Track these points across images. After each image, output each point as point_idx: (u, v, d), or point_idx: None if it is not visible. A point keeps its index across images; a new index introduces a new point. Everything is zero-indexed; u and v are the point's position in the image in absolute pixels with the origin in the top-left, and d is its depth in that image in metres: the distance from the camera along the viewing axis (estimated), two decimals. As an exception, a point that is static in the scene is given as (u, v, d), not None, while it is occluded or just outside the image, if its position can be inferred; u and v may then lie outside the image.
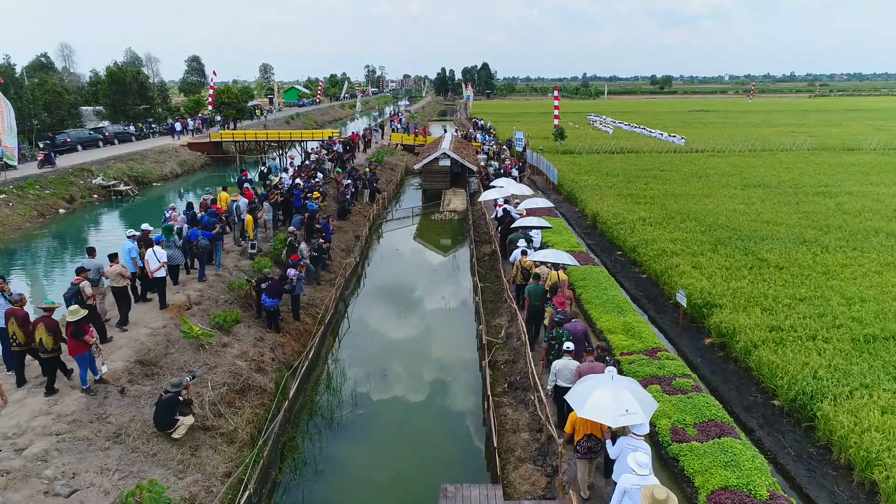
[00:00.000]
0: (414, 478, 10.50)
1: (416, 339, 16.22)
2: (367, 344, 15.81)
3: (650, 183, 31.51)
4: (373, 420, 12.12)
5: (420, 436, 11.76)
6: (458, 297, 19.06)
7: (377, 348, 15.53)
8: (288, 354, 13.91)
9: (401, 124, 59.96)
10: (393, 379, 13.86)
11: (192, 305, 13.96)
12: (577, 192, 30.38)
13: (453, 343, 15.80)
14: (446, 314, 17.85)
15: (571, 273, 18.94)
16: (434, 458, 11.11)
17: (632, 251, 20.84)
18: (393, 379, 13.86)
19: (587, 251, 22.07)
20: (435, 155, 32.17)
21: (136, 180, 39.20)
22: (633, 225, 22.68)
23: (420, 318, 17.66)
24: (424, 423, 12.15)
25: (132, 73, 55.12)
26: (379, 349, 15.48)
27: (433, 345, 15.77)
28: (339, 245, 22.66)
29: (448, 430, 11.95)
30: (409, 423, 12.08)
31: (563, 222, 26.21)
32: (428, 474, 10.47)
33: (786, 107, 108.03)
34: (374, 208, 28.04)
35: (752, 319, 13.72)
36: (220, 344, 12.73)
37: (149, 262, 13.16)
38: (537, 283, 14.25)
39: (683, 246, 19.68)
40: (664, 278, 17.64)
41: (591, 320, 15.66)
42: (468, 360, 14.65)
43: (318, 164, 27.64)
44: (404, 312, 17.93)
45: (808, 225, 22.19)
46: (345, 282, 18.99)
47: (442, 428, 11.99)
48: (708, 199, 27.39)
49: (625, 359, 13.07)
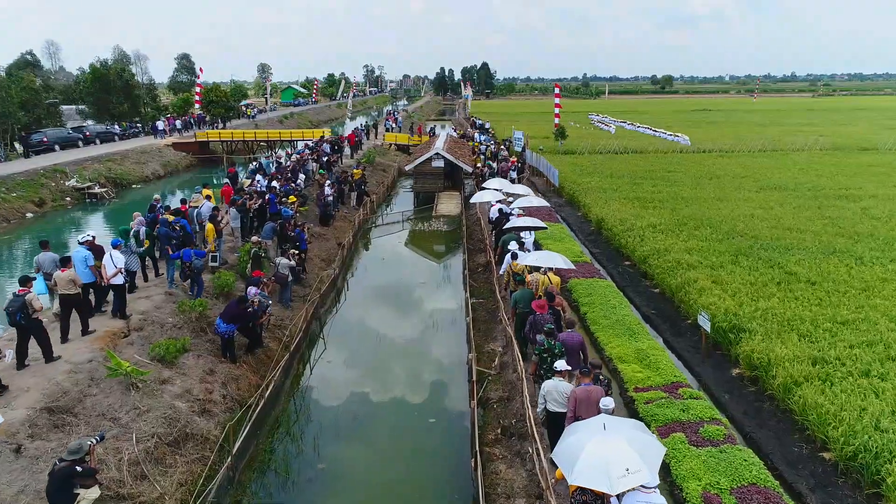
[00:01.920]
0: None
1: (397, 370, 14.06)
2: (340, 375, 13.68)
3: (658, 185, 29.44)
4: (336, 480, 9.98)
5: (394, 502, 9.66)
6: (448, 316, 16.96)
7: (351, 381, 13.39)
8: (244, 390, 11.84)
9: (396, 124, 57.85)
10: (365, 422, 11.74)
11: (130, 332, 11.90)
12: (580, 194, 28.31)
13: (440, 375, 13.68)
14: (434, 337, 15.73)
15: (575, 287, 16.91)
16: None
17: (642, 262, 18.76)
18: (365, 422, 11.74)
19: (591, 261, 20.03)
20: (427, 155, 30.09)
21: (114, 182, 37.14)
22: (643, 232, 20.60)
23: (403, 343, 15.53)
24: (400, 485, 9.98)
25: (116, 71, 53.00)
26: (353, 382, 13.35)
27: (416, 378, 13.64)
28: (318, 254, 20.61)
29: (427, 495, 9.83)
30: (380, 486, 9.93)
31: (565, 228, 24.17)
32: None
33: (790, 106, 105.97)
34: (361, 213, 25.93)
35: (790, 349, 11.64)
36: (159, 381, 10.66)
37: (105, 267, 11.92)
38: (525, 289, 12.79)
39: (700, 257, 17.60)
40: (681, 295, 15.57)
41: (598, 345, 13.61)
42: (456, 398, 12.54)
43: (299, 164, 25.36)
44: (386, 336, 15.79)
45: (835, 232, 20.11)
46: (320, 298, 16.93)
47: (420, 492, 9.86)
48: (722, 202, 25.33)
49: (640, 396, 11.02)
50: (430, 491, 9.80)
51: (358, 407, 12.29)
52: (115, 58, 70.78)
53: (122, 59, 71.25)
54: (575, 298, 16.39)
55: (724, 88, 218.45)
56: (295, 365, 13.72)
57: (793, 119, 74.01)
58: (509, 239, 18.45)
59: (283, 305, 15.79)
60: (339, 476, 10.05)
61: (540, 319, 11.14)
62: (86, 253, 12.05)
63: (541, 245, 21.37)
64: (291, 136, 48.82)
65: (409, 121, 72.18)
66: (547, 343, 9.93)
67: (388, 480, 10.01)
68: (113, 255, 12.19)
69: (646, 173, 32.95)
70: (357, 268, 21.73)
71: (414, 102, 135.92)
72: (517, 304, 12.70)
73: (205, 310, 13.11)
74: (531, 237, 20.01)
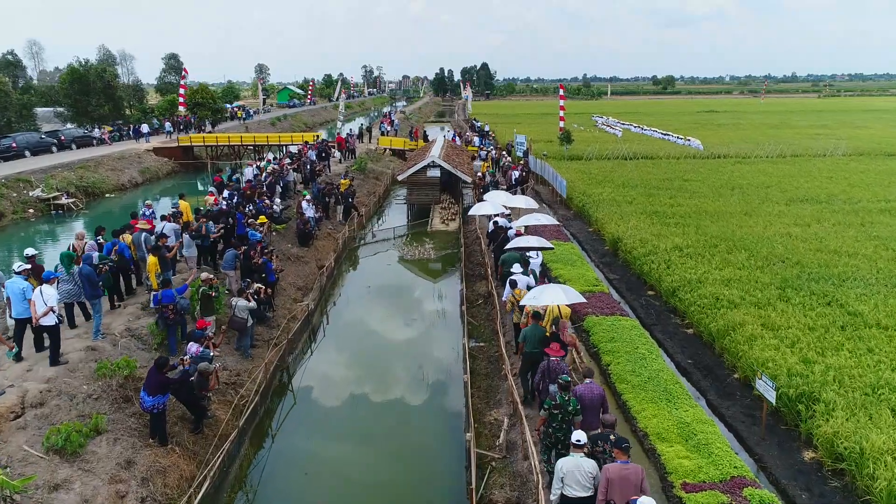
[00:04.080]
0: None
1: (377, 455, 10.92)
2: (299, 460, 10.75)
3: (676, 197, 26.72)
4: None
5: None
6: (442, 368, 14.14)
7: (314, 471, 10.50)
8: (173, 486, 9.09)
9: (392, 126, 54.94)
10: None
11: (24, 410, 9.16)
12: (590, 207, 25.57)
13: (430, 462, 10.83)
14: (425, 400, 12.79)
15: (593, 328, 14.22)
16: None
17: (670, 295, 16.02)
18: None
19: (609, 289, 17.31)
20: (422, 163, 27.31)
21: (85, 191, 34.39)
22: (668, 256, 17.86)
23: (387, 405, 12.61)
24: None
25: (96, 72, 50.24)
26: (317, 473, 10.47)
27: (401, 466, 10.70)
28: (293, 281, 17.86)
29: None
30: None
31: (576, 247, 21.43)
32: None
33: (798, 107, 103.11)
34: (347, 230, 23.13)
35: (888, 435, 8.92)
36: (49, 486, 7.94)
37: (34, 303, 10.17)
38: (536, 325, 11.00)
39: (741, 290, 14.87)
40: (725, 343, 12.84)
41: (627, 411, 10.93)
42: (452, 492, 9.77)
43: (276, 176, 22.40)
44: (365, 398, 12.82)
45: (890, 257, 17.39)
46: (289, 342, 14.18)
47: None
48: (751, 218, 22.60)
49: (692, 499, 8.31)
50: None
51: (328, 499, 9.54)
52: (100, 57, 68.31)
53: (108, 59, 68.70)
54: (594, 343, 13.68)
55: (726, 89, 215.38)
56: (251, 442, 10.95)
57: (804, 121, 71.21)
58: (511, 260, 15.87)
59: (241, 355, 13.06)
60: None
61: (555, 367, 9.61)
62: (23, 284, 10.41)
63: (549, 269, 18.73)
64: (280, 139, 46.00)
65: (406, 123, 69.36)
66: (560, 398, 8.39)
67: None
68: (44, 290, 10.26)
69: (660, 182, 30.21)
70: (338, 298, 18.87)
71: (413, 103, 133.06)
72: (525, 341, 10.85)
73: (132, 372, 10.38)
74: (538, 258, 17.36)
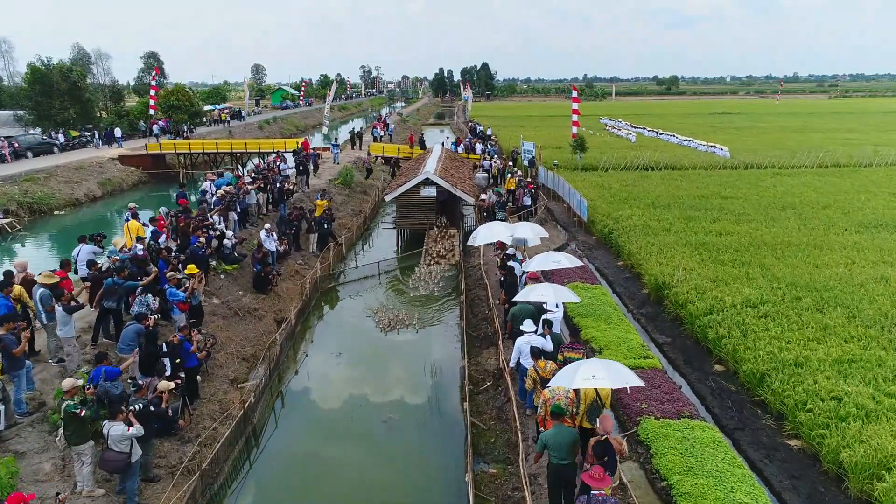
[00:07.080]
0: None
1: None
2: None
3: (720, 221, 22.14)
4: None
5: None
6: (438, 489, 9.65)
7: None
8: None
9: (386, 131, 50.08)
10: None
11: None
12: (619, 236, 20.98)
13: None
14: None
15: (655, 441, 9.76)
16: None
17: (755, 382, 11.44)
18: None
19: (662, 363, 12.79)
20: (415, 180, 22.72)
21: (30, 208, 29.87)
22: (742, 317, 13.27)
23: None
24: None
25: (61, 71, 45.63)
26: None
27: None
28: (235, 349, 13.27)
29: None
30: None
31: (608, 293, 16.83)
32: None
33: (813, 108, 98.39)
34: (319, 267, 18.49)
35: None
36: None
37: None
38: (561, 424, 7.70)
39: (869, 384, 10.30)
40: (865, 476, 8.32)
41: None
42: None
43: (227, 203, 17.54)
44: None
45: None
46: (211, 462, 9.59)
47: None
48: (822, 252, 18.06)
49: None
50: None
51: None
52: (75, 57, 63.62)
53: (83, 59, 64.06)
54: (657, 468, 9.18)
55: (731, 89, 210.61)
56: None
57: (826, 123, 66.66)
58: (523, 315, 11.52)
59: (126, 499, 8.51)
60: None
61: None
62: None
63: (579, 328, 14.36)
64: (259, 147, 41.30)
65: (404, 127, 64.76)
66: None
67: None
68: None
69: (696, 201, 25.63)
70: (294, 375, 13.83)
71: (411, 104, 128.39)
72: (549, 448, 7.59)
73: None
74: (559, 311, 12.90)
